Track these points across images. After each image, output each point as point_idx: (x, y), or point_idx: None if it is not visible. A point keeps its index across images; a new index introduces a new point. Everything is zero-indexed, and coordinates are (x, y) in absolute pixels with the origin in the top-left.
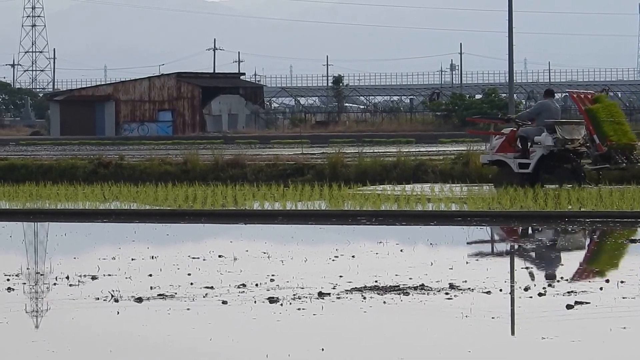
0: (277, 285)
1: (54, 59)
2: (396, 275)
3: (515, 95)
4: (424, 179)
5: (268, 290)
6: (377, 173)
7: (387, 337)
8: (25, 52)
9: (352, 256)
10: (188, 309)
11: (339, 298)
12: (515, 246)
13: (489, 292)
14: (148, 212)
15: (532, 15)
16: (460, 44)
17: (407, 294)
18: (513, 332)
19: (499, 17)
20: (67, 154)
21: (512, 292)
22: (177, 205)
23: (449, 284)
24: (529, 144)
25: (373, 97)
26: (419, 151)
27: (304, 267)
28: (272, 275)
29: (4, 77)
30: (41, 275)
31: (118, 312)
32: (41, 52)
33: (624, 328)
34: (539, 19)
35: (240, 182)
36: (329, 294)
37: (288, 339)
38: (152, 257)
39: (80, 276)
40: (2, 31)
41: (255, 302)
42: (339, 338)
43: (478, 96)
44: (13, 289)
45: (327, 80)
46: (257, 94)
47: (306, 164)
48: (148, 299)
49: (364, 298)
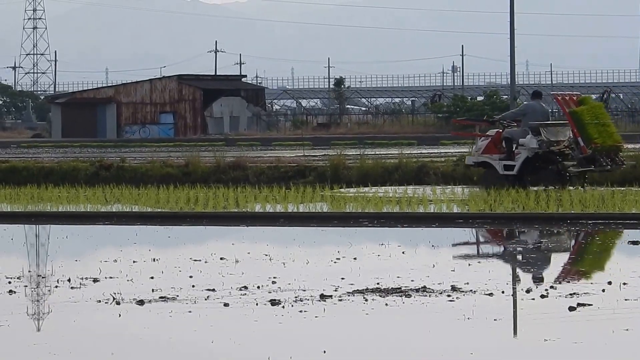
0: (279, 288)
1: (55, 61)
2: (398, 277)
3: (517, 96)
4: (426, 181)
5: (270, 292)
6: (378, 175)
7: (389, 340)
8: (27, 55)
9: (354, 258)
10: (190, 312)
11: (340, 300)
12: (517, 248)
13: (491, 294)
14: (149, 215)
15: (534, 17)
16: (462, 45)
17: (409, 296)
18: (515, 334)
19: (501, 18)
20: (69, 157)
21: (514, 294)
22: (179, 207)
23: (451, 286)
24: (514, 146)
25: (375, 99)
26: (421, 153)
27: (306, 269)
28: (274, 278)
29: (5, 80)
30: (43, 277)
31: (120, 315)
32: (42, 54)
33: (627, 330)
34: (541, 20)
35: (242, 185)
36: (330, 296)
37: (290, 341)
38: (154, 260)
39: (82, 279)
40: (3, 34)
41: (257, 304)
42: (340, 340)
43: (480, 98)
44: (15, 292)
45: (329, 82)
46: (258, 96)
47: (308, 166)
48: (150, 301)
49: (366, 300)
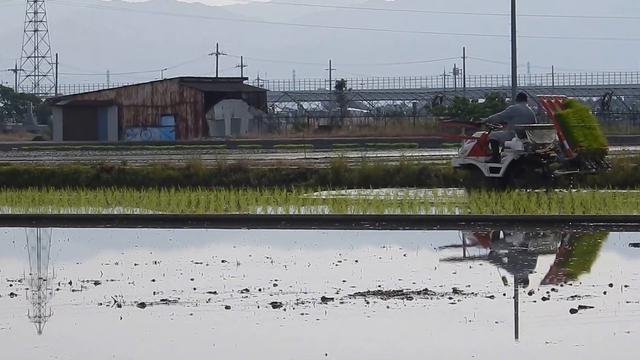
0: (280, 290)
1: (57, 64)
2: (400, 279)
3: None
4: (427, 184)
5: (271, 295)
6: (380, 178)
7: (390, 342)
8: (28, 57)
9: (356, 261)
10: (191, 314)
11: (342, 303)
12: (518, 250)
13: (493, 296)
14: (151, 217)
15: (536, 19)
16: (464, 48)
17: (410, 298)
18: (517, 337)
19: (502, 20)
20: (70, 159)
21: (515, 297)
22: (180, 210)
23: (453, 288)
24: (500, 148)
25: (376, 101)
26: (422, 155)
27: (307, 272)
28: (275, 280)
29: (7, 82)
30: (44, 280)
31: (121, 318)
32: (44, 57)
33: (628, 332)
34: (542, 22)
35: (243, 187)
36: (332, 298)
37: (291, 344)
38: (155, 262)
39: (83, 281)
40: (4, 36)
41: (258, 307)
42: (342, 343)
43: (481, 100)
44: (16, 295)
45: (330, 84)
46: (260, 99)
47: (309, 169)
48: (151, 304)
49: (368, 303)
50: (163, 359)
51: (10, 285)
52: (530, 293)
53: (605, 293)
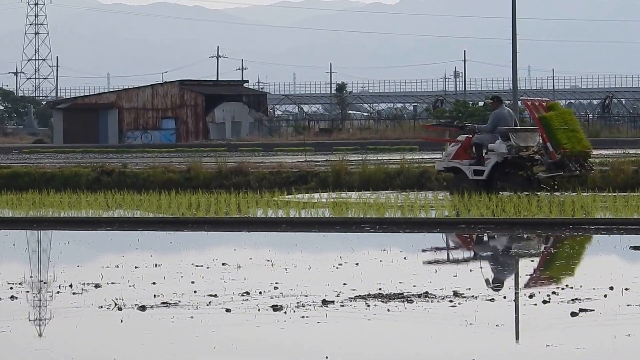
0: (281, 293)
1: (57, 66)
2: (400, 282)
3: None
4: (428, 186)
5: (272, 298)
6: (380, 180)
7: (391, 345)
8: (29, 60)
9: (356, 264)
10: (192, 317)
11: (342, 306)
12: (518, 253)
13: (493, 299)
14: (151, 220)
15: (536, 22)
16: (464, 51)
17: (411, 301)
18: (517, 340)
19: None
20: (71, 162)
21: (516, 300)
22: (181, 213)
23: (453, 291)
24: (483, 151)
25: (377, 104)
26: (423, 158)
27: (308, 275)
28: (276, 283)
29: (7, 85)
30: (44, 283)
31: (121, 321)
32: (44, 60)
33: (629, 335)
34: (543, 25)
35: (244, 190)
36: (332, 301)
37: (292, 347)
38: (156, 265)
39: (84, 284)
40: (4, 39)
41: (259, 310)
42: (343, 346)
43: (482, 103)
44: (16, 297)
45: (331, 87)
46: (260, 102)
47: (310, 172)
48: (152, 307)
49: (368, 306)
50: None
51: (11, 288)
52: (530, 296)
53: (605, 296)
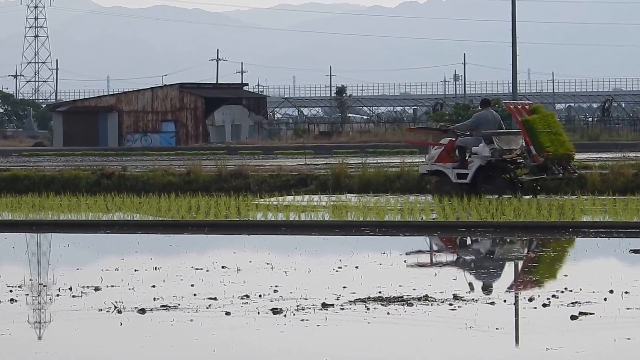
0: (281, 296)
1: (57, 69)
2: (400, 286)
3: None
4: (428, 190)
5: (271, 301)
6: (380, 184)
7: (390, 349)
8: (28, 63)
9: (356, 267)
10: (191, 320)
11: (342, 309)
12: (518, 256)
13: (493, 302)
14: (151, 223)
15: (536, 26)
16: (464, 54)
17: (411, 304)
18: (517, 343)
19: (503, 27)
20: (70, 165)
21: (516, 303)
22: (180, 216)
23: (453, 294)
24: (467, 155)
25: (376, 107)
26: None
27: (308, 278)
28: (276, 286)
29: (7, 88)
30: (44, 286)
31: (121, 324)
32: (44, 62)
33: (629, 339)
34: (543, 29)
35: (244, 193)
36: (332, 305)
37: (292, 350)
38: (155, 268)
39: (83, 287)
40: (4, 42)
41: (258, 313)
42: (342, 349)
43: None
44: (16, 300)
45: (331, 90)
46: (260, 105)
47: (309, 175)
48: (151, 310)
49: (368, 309)
50: None
51: (10, 291)
52: (530, 299)
53: (605, 299)
